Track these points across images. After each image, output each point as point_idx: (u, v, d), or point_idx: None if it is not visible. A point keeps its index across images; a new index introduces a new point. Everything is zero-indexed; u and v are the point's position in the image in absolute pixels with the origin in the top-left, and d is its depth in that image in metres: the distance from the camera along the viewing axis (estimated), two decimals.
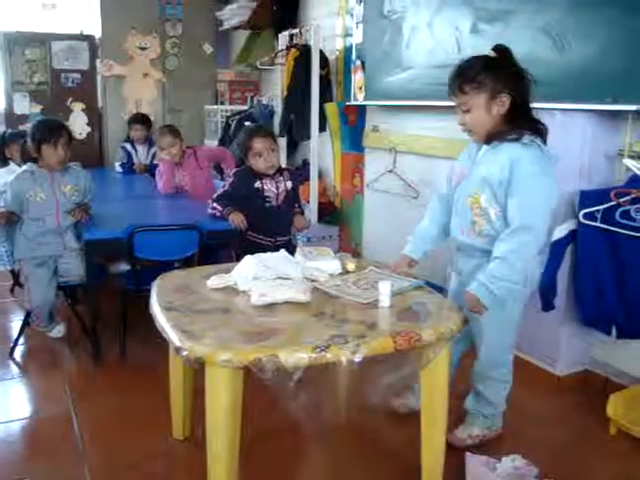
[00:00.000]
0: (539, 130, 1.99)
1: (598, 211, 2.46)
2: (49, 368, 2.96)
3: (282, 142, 4.74)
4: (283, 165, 3.80)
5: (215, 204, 3.13)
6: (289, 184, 3.20)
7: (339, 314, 1.82)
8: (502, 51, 1.99)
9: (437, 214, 2.29)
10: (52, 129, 3.00)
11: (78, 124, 5.68)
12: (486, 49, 2.03)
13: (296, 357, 1.56)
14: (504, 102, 1.95)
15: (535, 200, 1.92)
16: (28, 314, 3.14)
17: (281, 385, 1.60)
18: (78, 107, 5.76)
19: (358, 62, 4.06)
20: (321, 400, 2.02)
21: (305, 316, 1.81)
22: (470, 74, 1.97)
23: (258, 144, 3.08)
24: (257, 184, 3.11)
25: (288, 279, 2.01)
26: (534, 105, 2.03)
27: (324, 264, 2.19)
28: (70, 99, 5.74)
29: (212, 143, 5.60)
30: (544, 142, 1.98)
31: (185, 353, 1.59)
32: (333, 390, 2.03)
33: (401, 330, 1.72)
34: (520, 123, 1.97)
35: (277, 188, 3.15)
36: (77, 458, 2.20)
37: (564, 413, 2.58)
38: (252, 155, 3.10)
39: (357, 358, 1.59)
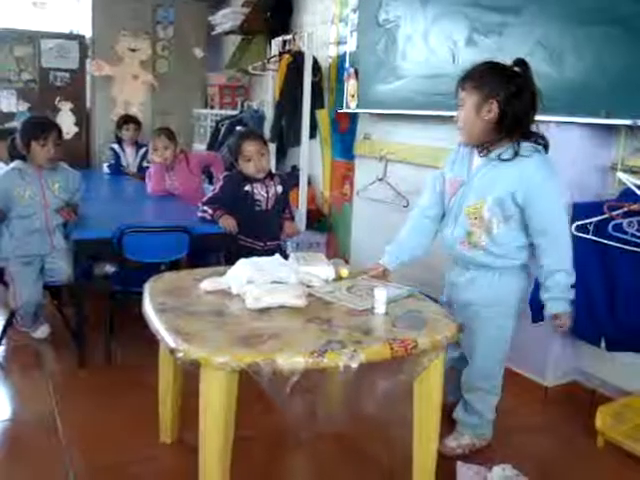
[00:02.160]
0: (538, 144, 2.00)
1: (590, 224, 2.48)
2: (32, 369, 2.90)
3: (271, 147, 4.72)
4: (272, 171, 3.79)
5: (205, 207, 3.11)
6: (279, 188, 3.21)
7: (335, 320, 1.81)
8: (519, 64, 2.00)
9: (418, 225, 2.27)
10: (43, 126, 2.97)
11: (65, 123, 5.59)
12: (480, 60, 2.05)
13: (293, 361, 1.54)
14: (492, 108, 1.95)
15: (556, 204, 2.00)
16: (12, 314, 3.09)
17: (276, 390, 1.58)
18: (66, 106, 5.70)
19: (351, 70, 4.06)
20: (314, 406, 2.01)
21: (301, 321, 1.79)
22: (474, 73, 2.01)
23: (249, 148, 3.08)
24: (247, 188, 3.11)
25: (283, 283, 2.00)
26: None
27: (317, 269, 2.17)
28: (58, 98, 5.67)
29: (201, 147, 5.57)
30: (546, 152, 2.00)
31: (181, 355, 1.56)
32: (326, 397, 2.02)
33: (397, 337, 1.71)
34: (512, 135, 1.97)
35: (267, 192, 3.15)
36: (60, 462, 2.16)
37: (552, 424, 2.58)
38: (242, 159, 3.10)
39: (354, 364, 1.58)
